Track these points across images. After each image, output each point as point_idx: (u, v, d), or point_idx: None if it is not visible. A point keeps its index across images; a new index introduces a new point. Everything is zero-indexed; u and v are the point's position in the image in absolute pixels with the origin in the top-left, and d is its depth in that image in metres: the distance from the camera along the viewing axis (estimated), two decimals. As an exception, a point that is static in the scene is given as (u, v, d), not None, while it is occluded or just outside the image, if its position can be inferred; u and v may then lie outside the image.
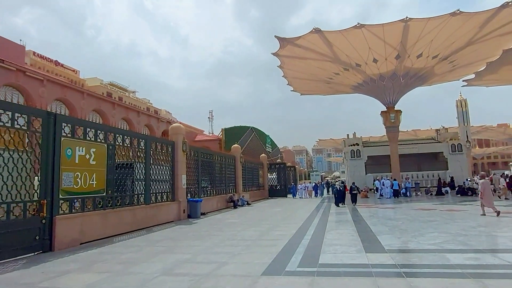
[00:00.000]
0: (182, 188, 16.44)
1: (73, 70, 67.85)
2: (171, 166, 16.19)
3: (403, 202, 21.93)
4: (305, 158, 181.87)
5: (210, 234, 11.37)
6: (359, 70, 31.78)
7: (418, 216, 14.08)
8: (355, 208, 19.37)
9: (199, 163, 19.04)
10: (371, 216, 14.93)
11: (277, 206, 23.40)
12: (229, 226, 13.41)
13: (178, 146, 16.45)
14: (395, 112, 34.11)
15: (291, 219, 14.90)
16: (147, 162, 14.16)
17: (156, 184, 14.81)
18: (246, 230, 11.92)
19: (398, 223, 12.19)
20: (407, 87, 34.01)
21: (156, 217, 14.18)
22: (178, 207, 16.02)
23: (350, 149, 38.42)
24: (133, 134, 13.25)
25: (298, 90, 40.37)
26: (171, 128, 16.91)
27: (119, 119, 30.33)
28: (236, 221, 14.93)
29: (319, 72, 33.51)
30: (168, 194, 15.68)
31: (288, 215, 16.61)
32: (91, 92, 28.59)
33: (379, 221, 12.92)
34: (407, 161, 36.83)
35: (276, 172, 37.11)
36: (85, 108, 26.10)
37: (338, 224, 12.58)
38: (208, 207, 19.63)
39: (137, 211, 13.02)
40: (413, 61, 30.71)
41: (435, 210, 16.43)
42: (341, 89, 37.06)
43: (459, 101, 62.03)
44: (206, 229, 12.52)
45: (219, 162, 22.50)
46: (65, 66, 65.78)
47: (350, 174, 38.54)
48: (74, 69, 68.32)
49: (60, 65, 64.64)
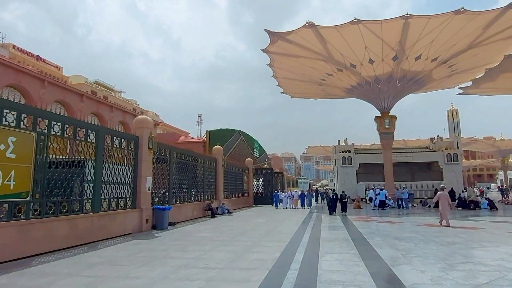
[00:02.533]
0: (146, 193, 13.46)
1: (55, 66, 64.13)
2: (134, 166, 13.22)
3: (402, 215, 19.27)
4: (293, 165, 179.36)
5: (167, 255, 8.44)
6: (354, 72, 29.30)
7: (430, 235, 11.37)
8: (348, 220, 16.64)
9: (171, 164, 16.07)
10: (372, 233, 12.16)
11: (261, 215, 20.49)
12: (197, 243, 10.47)
13: (143, 143, 13.50)
14: (390, 117, 31.68)
15: (276, 235, 12.04)
16: (98, 159, 11.18)
17: (111, 187, 11.83)
18: (215, 251, 9.02)
19: (411, 246, 9.43)
20: (403, 91, 31.66)
21: (107, 229, 11.17)
22: (140, 216, 13.02)
23: (341, 156, 35.85)
24: (77, 123, 10.31)
25: (289, 93, 37.71)
26: (136, 120, 13.95)
27: (87, 113, 27.01)
28: (208, 235, 12.00)
29: (312, 72, 30.92)
30: (127, 200, 12.69)
31: (273, 229, 13.74)
32: (53, 80, 25.19)
33: (385, 241, 10.14)
34: (400, 170, 34.38)
35: (263, 178, 34.25)
36: (45, 98, 22.82)
37: (334, 244, 9.75)
38: (181, 216, 16.65)
39: (78, 222, 10.00)
40: (411, 63, 28.36)
41: (445, 227, 13.76)
42: (334, 92, 34.53)
43: (450, 111, 60.35)
44: (165, 247, 9.57)
45: (197, 164, 19.56)
46: (47, 61, 62.05)
47: (341, 182, 35.92)
48: (57, 66, 64.60)
49: (42, 60, 60.90)
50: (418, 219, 16.66)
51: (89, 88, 63.03)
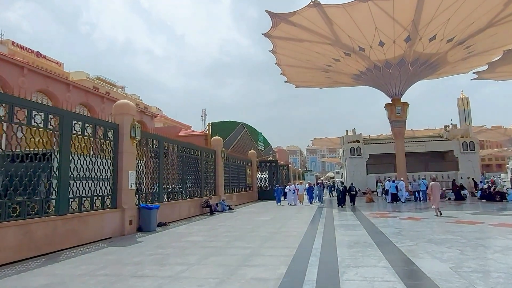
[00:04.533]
0: (128, 190, 11.31)
1: (56, 62, 62.30)
2: (113, 159, 11.06)
3: (423, 210, 16.96)
4: (299, 158, 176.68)
5: (137, 273, 6.27)
6: (363, 56, 26.81)
7: (471, 236, 9.09)
8: (364, 216, 14.39)
9: (161, 156, 13.90)
10: (398, 233, 9.89)
11: (265, 212, 18.29)
12: (183, 251, 8.29)
13: (124, 131, 11.32)
14: (402, 104, 29.19)
15: (281, 238, 9.83)
16: (64, 150, 9.01)
17: (84, 184, 9.69)
18: (202, 264, 6.84)
19: (456, 253, 7.16)
20: (416, 76, 29.11)
21: (76, 235, 9.03)
22: (121, 217, 10.88)
23: (350, 146, 33.46)
24: (32, 105, 8.15)
25: (293, 81, 35.26)
26: (115, 106, 11.74)
27: (76, 104, 24.82)
28: (199, 240, 9.82)
29: (317, 58, 28.46)
30: (105, 198, 10.54)
31: (277, 230, 11.53)
32: (34, 68, 22.90)
33: (419, 247, 7.88)
34: (412, 161, 31.93)
35: (267, 171, 32.00)
36: (25, 87, 20.69)
37: (356, 252, 7.50)
38: (174, 215, 14.52)
39: (34, 227, 7.87)
40: (424, 45, 25.78)
41: (482, 223, 11.46)
42: (341, 79, 32.05)
43: (461, 99, 57.42)
44: (140, 259, 7.40)
45: (194, 157, 17.38)
46: (47, 58, 60.18)
47: (349, 174, 33.57)
48: (57, 62, 62.76)
49: (42, 56, 59.03)
50: (444, 214, 14.33)
51: (91, 83, 61.17)
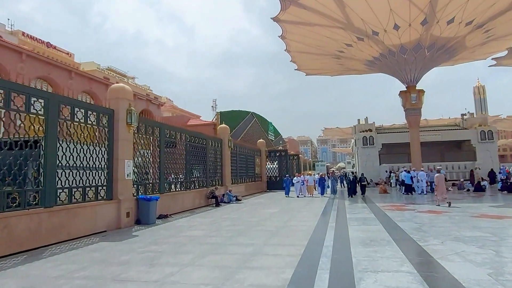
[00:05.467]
0: (125, 180, 10.47)
1: (67, 53, 61.90)
2: (108, 147, 10.21)
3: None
4: (309, 148, 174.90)
5: (119, 276, 5.40)
6: (376, 40, 25.35)
7: (502, 233, 8.02)
8: (378, 209, 13.34)
9: (161, 145, 13.02)
10: (418, 229, 8.82)
11: (273, 204, 17.34)
12: (179, 248, 7.42)
13: (120, 117, 10.44)
14: (417, 91, 27.72)
15: (288, 233, 8.87)
16: (50, 137, 8.17)
17: (75, 174, 8.87)
18: (197, 265, 5.94)
19: (490, 254, 6.09)
20: (432, 62, 27.53)
21: (64, 229, 8.24)
22: (117, 209, 10.07)
23: (362, 135, 32.14)
24: (12, 86, 7.27)
25: (303, 69, 33.95)
26: (110, 90, 10.86)
27: (79, 91, 24.07)
28: (199, 234, 8.94)
29: (328, 44, 27.08)
30: (99, 189, 9.72)
31: (285, 223, 10.57)
32: (33, 54, 22.06)
33: (446, 246, 6.83)
34: (427, 151, 30.47)
35: (277, 161, 31.00)
36: (24, 73, 19.95)
37: (373, 252, 6.49)
38: (177, 206, 13.70)
39: (14, 221, 7.07)
40: (442, 28, 24.19)
41: (510, 218, 10.30)
42: (353, 65, 30.60)
43: (476, 87, 55.10)
44: (128, 258, 6.55)
45: (198, 146, 16.48)
46: (58, 48, 59.86)
47: (361, 164, 32.32)
48: (68, 52, 62.35)
49: (53, 47, 58.71)
50: (466, 207, 13.18)
51: (101, 74, 60.69)
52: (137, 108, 32.82)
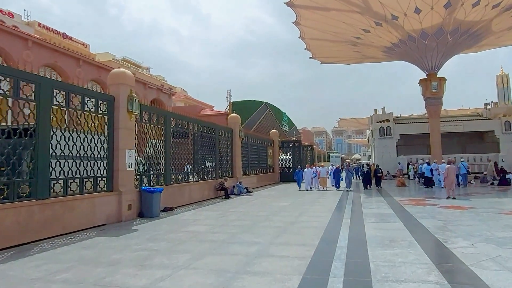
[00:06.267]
0: (126, 171, 9.87)
1: (82, 43, 62.02)
2: (108, 135, 9.60)
3: (466, 197, 14.68)
4: (324, 139, 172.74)
5: (103, 280, 4.75)
6: (396, 25, 23.95)
7: (542, 235, 7.02)
8: (397, 203, 12.41)
9: (167, 134, 12.36)
10: (444, 227, 7.89)
11: (285, 196, 16.57)
12: (175, 247, 6.75)
13: (121, 104, 9.79)
14: (439, 79, 26.21)
15: (298, 231, 8.08)
16: (42, 125, 7.58)
17: (72, 164, 8.29)
18: (191, 268, 5.23)
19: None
20: (455, 48, 25.91)
21: (59, 222, 7.70)
22: (118, 202, 9.49)
23: (379, 126, 30.85)
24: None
25: (318, 57, 32.69)
26: (110, 75, 10.20)
27: (87, 80, 23.68)
28: (202, 230, 8.26)
29: (345, 30, 25.79)
30: (98, 180, 9.15)
31: (296, 219, 9.79)
32: (39, 41, 21.50)
33: (476, 248, 5.93)
34: (447, 142, 28.96)
35: (291, 152, 30.10)
36: (30, 60, 19.52)
37: (394, 256, 5.64)
38: (184, 198, 13.11)
39: (1, 214, 6.53)
40: (467, 11, 22.59)
41: None
42: (371, 52, 29.21)
43: (500, 76, 52.41)
44: (120, 256, 5.91)
45: (208, 135, 15.80)
46: (73, 39, 59.97)
47: (378, 155, 31.12)
48: (83, 43, 62.46)
49: (68, 38, 58.85)
50: (493, 203, 12.10)
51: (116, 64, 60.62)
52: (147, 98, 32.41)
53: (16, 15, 56.97)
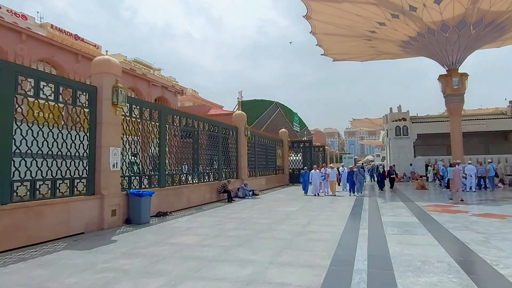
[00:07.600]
0: (110, 171, 8.60)
1: (94, 45, 61.67)
2: (89, 131, 8.36)
3: (497, 202, 12.98)
4: (336, 140, 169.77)
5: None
6: (414, 17, 22.23)
7: None
8: (422, 210, 10.83)
9: (162, 131, 11.08)
10: (486, 242, 6.35)
11: (293, 200, 15.08)
12: (150, 267, 5.40)
13: (104, 96, 8.54)
14: (460, 75, 24.31)
15: (305, 246, 6.61)
16: (1, 117, 6.37)
17: (42, 163, 7.07)
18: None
19: None
20: (478, 41, 23.98)
21: (24, 231, 6.48)
22: (100, 207, 8.23)
23: (395, 125, 29.08)
24: None
25: (330, 54, 31.08)
26: (93, 63, 8.94)
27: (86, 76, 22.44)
28: (190, 242, 6.89)
29: (359, 23, 24.18)
30: (76, 182, 7.90)
31: (302, 229, 8.34)
32: (34, 34, 20.39)
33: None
34: (468, 142, 26.97)
35: (301, 152, 28.58)
36: (24, 54, 18.58)
37: (432, 286, 4.18)
38: (182, 202, 11.82)
39: None
40: (492, 0, 20.75)
41: None
42: (386, 47, 27.49)
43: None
44: (77, 280, 4.60)
45: (210, 134, 14.49)
46: (85, 40, 59.70)
47: (394, 156, 29.32)
48: (95, 44, 62.10)
49: (80, 39, 58.53)
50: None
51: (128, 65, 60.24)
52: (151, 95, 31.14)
53: (29, 17, 57.02)
